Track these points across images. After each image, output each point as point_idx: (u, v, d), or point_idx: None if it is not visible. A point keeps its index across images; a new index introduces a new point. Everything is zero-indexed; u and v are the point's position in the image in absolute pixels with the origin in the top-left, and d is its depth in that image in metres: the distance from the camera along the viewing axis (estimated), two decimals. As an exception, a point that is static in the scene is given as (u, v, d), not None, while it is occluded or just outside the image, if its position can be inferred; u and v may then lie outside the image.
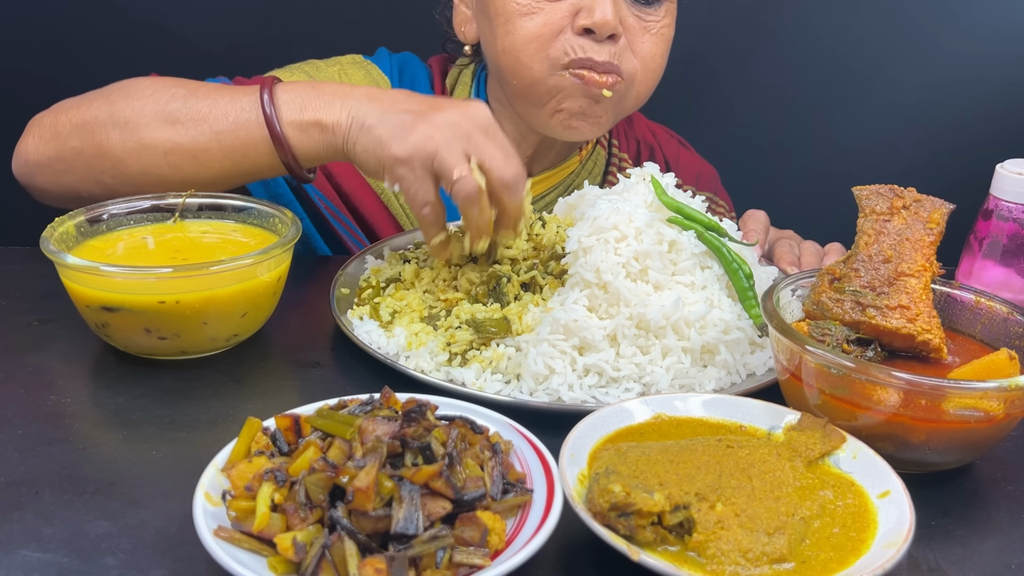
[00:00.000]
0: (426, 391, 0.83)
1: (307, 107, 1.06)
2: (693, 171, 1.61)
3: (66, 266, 0.92)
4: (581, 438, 0.75)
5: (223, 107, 1.07)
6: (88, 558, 0.68)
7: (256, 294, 0.96)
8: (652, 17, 1.26)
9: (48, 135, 1.12)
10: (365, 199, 1.36)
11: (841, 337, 0.86)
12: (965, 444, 0.79)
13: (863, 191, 0.91)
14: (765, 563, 0.65)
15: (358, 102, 1.05)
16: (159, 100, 1.09)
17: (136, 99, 1.09)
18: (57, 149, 1.11)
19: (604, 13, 1.18)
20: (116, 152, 1.08)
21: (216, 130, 1.07)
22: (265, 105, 1.05)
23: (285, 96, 1.07)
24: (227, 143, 1.07)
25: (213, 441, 0.76)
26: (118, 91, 1.12)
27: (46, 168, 1.12)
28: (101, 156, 1.09)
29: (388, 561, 0.60)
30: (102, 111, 1.09)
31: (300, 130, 1.06)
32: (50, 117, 1.14)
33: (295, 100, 1.06)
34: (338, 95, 1.06)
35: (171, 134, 1.07)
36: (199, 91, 1.10)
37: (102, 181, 1.10)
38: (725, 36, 2.04)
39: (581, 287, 0.96)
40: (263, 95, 1.06)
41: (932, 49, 2.02)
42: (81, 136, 1.10)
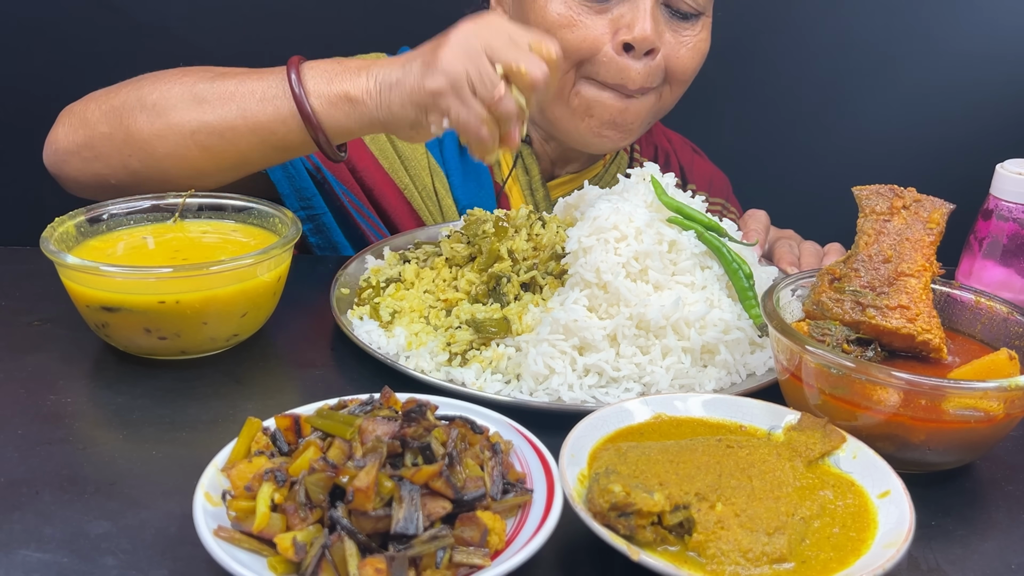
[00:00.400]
0: (426, 391, 0.83)
1: (334, 80, 1.05)
2: (706, 178, 1.62)
3: (66, 266, 0.92)
4: (581, 438, 0.75)
5: (250, 86, 1.07)
6: (88, 558, 0.68)
7: (256, 294, 0.96)
8: (688, 32, 1.27)
9: (77, 123, 1.12)
10: (388, 193, 1.37)
11: (841, 337, 0.86)
12: (965, 444, 0.79)
13: (863, 191, 0.91)
14: (765, 563, 0.65)
15: (380, 68, 1.04)
16: (186, 83, 1.08)
17: (163, 83, 1.09)
18: (87, 136, 1.11)
19: (644, 29, 1.19)
20: (143, 135, 1.08)
21: (243, 107, 1.06)
22: (293, 83, 1.04)
23: (311, 72, 1.06)
24: (254, 119, 1.06)
25: (213, 441, 0.76)
26: (147, 78, 1.12)
27: (75, 156, 1.12)
28: (129, 140, 1.09)
29: (388, 561, 0.60)
30: (130, 96, 1.10)
31: (329, 103, 1.05)
32: (80, 106, 1.14)
33: (322, 75, 1.05)
34: (363, 67, 1.05)
35: (197, 113, 1.07)
36: (227, 74, 1.09)
37: (129, 166, 1.10)
38: (725, 36, 2.04)
39: (581, 287, 0.96)
40: (290, 73, 1.05)
41: (932, 49, 2.02)
42: (110, 121, 1.10)
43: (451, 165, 1.39)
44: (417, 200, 1.38)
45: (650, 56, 1.23)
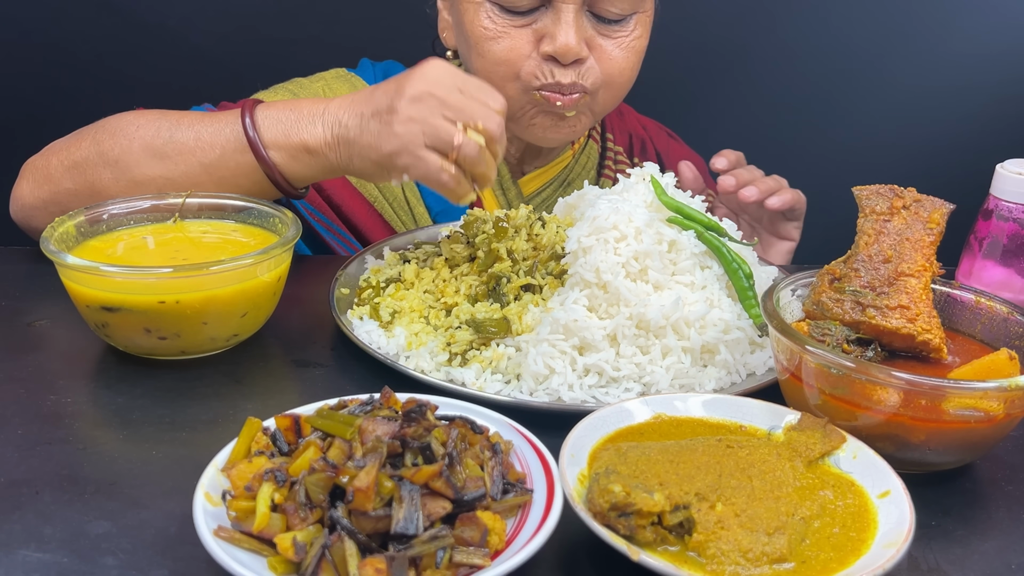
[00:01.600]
0: (426, 391, 0.83)
1: (291, 131, 1.07)
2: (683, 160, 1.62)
3: (66, 266, 0.92)
4: (581, 438, 0.75)
5: (207, 138, 1.09)
6: (88, 558, 0.68)
7: (256, 294, 0.96)
8: (620, 33, 1.25)
9: (41, 178, 1.14)
10: (357, 208, 1.37)
11: (841, 337, 0.86)
12: (965, 444, 0.79)
13: (863, 191, 0.91)
14: (765, 563, 0.65)
15: (335, 115, 1.06)
16: (144, 135, 1.10)
17: (122, 136, 1.10)
18: (51, 192, 1.13)
19: (567, 40, 1.18)
20: (110, 191, 1.10)
21: (204, 163, 1.09)
22: (248, 130, 1.07)
23: (267, 123, 1.08)
24: (218, 174, 1.09)
25: (213, 441, 0.76)
26: (103, 129, 1.13)
27: (41, 211, 1.14)
28: (95, 196, 1.10)
29: (388, 561, 0.60)
30: (91, 151, 1.11)
31: (289, 156, 1.08)
32: (42, 160, 1.16)
33: (277, 125, 1.08)
34: (317, 113, 1.07)
35: (161, 170, 1.09)
36: (182, 122, 1.11)
37: None
38: (724, 36, 2.04)
39: (581, 287, 0.96)
40: (244, 121, 1.07)
41: (932, 49, 2.02)
42: (73, 178, 1.12)
43: None
44: (388, 211, 1.39)
45: (577, 64, 1.23)
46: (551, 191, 1.46)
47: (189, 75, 1.92)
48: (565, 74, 1.22)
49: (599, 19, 1.23)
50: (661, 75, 1.47)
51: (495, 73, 1.24)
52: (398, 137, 1.00)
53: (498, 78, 1.24)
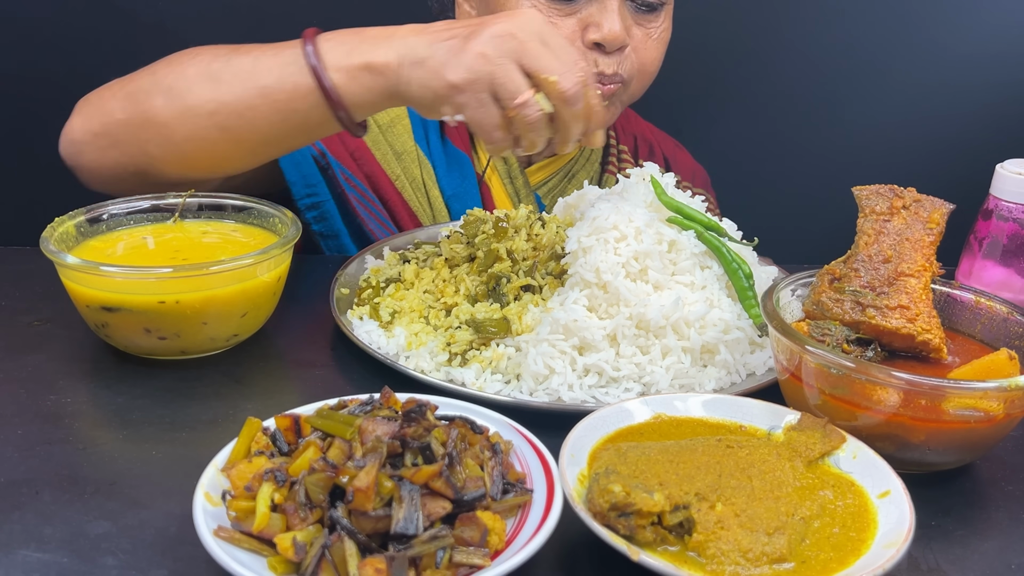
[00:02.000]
0: (426, 391, 0.83)
1: (353, 52, 1.01)
2: (689, 170, 1.64)
3: (66, 266, 0.92)
4: (581, 438, 0.75)
5: (266, 62, 1.03)
6: (88, 558, 0.68)
7: (256, 294, 0.96)
8: (653, 23, 1.29)
9: (93, 111, 1.11)
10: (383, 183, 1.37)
11: (841, 337, 0.86)
12: (965, 444, 0.79)
13: (863, 191, 0.91)
14: (765, 563, 0.65)
15: (404, 39, 1.00)
16: (201, 62, 1.06)
17: (178, 65, 1.07)
18: (103, 123, 1.09)
19: (612, 27, 1.20)
20: (161, 118, 1.05)
21: (261, 85, 1.03)
22: (309, 55, 1.01)
23: (329, 44, 1.02)
24: (274, 97, 1.03)
25: (213, 441, 0.76)
26: (162, 62, 1.10)
27: (91, 144, 1.11)
28: (146, 124, 1.06)
29: (388, 561, 0.60)
30: (146, 81, 1.08)
31: (349, 76, 1.01)
32: (96, 95, 1.13)
33: (340, 46, 1.02)
34: (383, 36, 1.01)
35: (215, 93, 1.04)
36: (240, 50, 1.06)
37: (148, 151, 1.08)
38: (724, 36, 2.04)
39: (581, 287, 0.96)
40: (306, 46, 1.02)
41: (932, 49, 2.02)
42: (126, 107, 1.08)
43: (435, 156, 1.40)
44: (408, 191, 1.39)
45: (619, 52, 1.25)
46: (556, 182, 1.47)
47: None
48: (608, 63, 1.24)
49: (638, 7, 1.27)
50: (660, 75, 1.46)
51: None
52: (466, 71, 0.94)
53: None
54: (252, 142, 1.07)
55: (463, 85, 0.94)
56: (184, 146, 1.07)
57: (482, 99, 0.95)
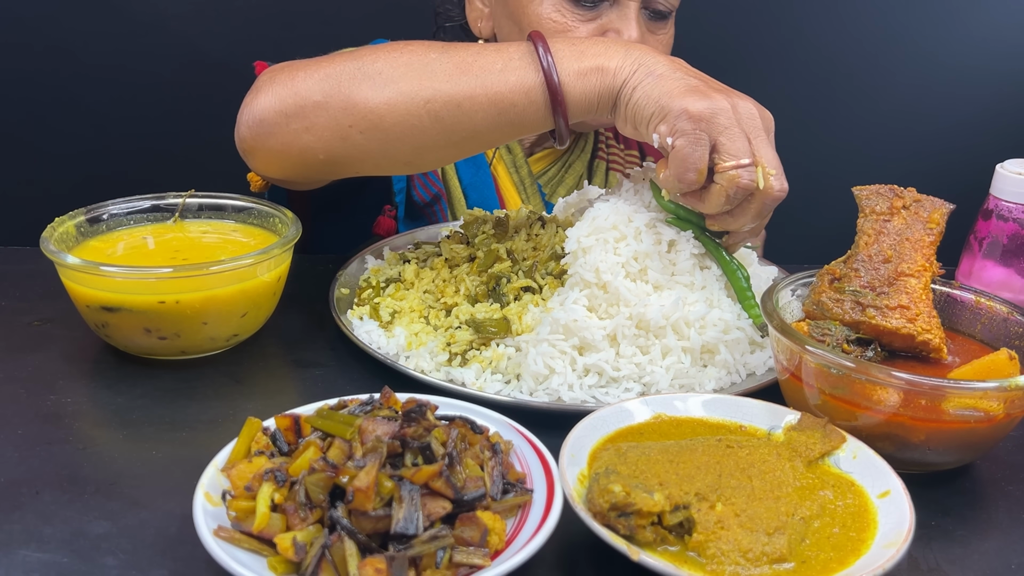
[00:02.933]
0: (426, 391, 0.83)
1: (586, 54, 0.99)
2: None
3: (66, 266, 0.92)
4: (581, 438, 0.75)
5: (488, 57, 1.01)
6: (88, 558, 0.68)
7: (256, 294, 0.96)
8: (662, 30, 1.32)
9: (285, 91, 1.04)
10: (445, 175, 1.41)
11: (841, 337, 0.86)
12: (965, 444, 0.79)
13: (863, 191, 0.91)
14: (765, 563, 0.65)
15: (644, 54, 0.99)
16: (414, 52, 1.03)
17: (384, 53, 1.04)
18: (298, 104, 1.03)
19: (632, 34, 1.23)
20: (368, 103, 1.01)
21: (482, 78, 1.00)
22: (541, 54, 0.99)
23: (560, 44, 1.01)
24: (495, 90, 1.00)
25: (213, 441, 0.76)
26: (360, 50, 1.07)
27: (283, 127, 1.04)
28: (349, 109, 1.02)
29: (388, 561, 0.60)
30: (348, 65, 1.03)
31: (579, 76, 0.99)
32: (285, 74, 1.07)
33: (572, 48, 1.00)
34: (620, 45, 1.00)
35: (432, 82, 1.01)
36: (455, 45, 1.04)
37: (348, 137, 1.03)
38: (725, 37, 2.04)
39: (581, 287, 0.96)
40: (538, 45, 1.00)
41: (932, 49, 2.02)
42: (324, 90, 1.03)
43: None
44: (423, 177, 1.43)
45: None
46: (555, 171, 1.51)
47: (189, 75, 1.92)
48: None
49: (649, 16, 1.28)
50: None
51: None
52: (706, 107, 0.92)
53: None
54: (462, 134, 1.04)
55: (697, 116, 0.92)
56: (391, 132, 1.02)
57: (702, 137, 0.92)
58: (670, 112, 0.94)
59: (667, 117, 0.94)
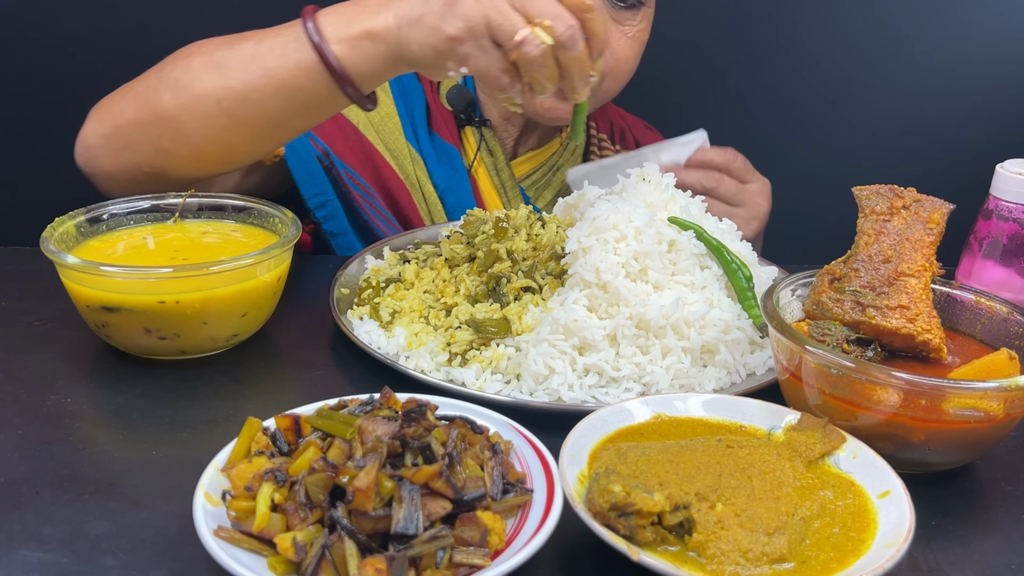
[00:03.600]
0: (426, 391, 0.83)
1: (353, 21, 1.01)
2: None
3: (66, 266, 0.92)
4: (581, 438, 0.75)
5: (268, 44, 1.04)
6: (88, 558, 0.68)
7: (256, 294, 0.96)
8: (630, 22, 1.30)
9: (104, 115, 1.12)
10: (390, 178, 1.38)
11: (841, 337, 0.86)
12: (965, 444, 0.79)
13: (863, 191, 0.91)
14: (765, 563, 0.65)
15: (402, 2, 1.00)
16: (205, 52, 1.07)
17: (183, 58, 1.08)
18: (114, 126, 1.10)
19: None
20: (170, 112, 1.06)
21: (265, 66, 1.03)
22: (310, 31, 1.01)
23: (328, 18, 1.02)
24: (278, 77, 1.03)
25: (213, 441, 0.76)
26: (168, 58, 1.10)
27: (105, 148, 1.11)
28: (156, 121, 1.06)
29: (388, 561, 0.60)
30: (152, 78, 1.08)
31: (351, 47, 1.01)
32: (106, 100, 1.13)
33: (339, 18, 1.02)
34: (383, 3, 1.01)
35: (220, 80, 1.04)
36: (244, 36, 1.07)
37: (161, 147, 1.08)
38: (723, 35, 2.04)
39: (581, 287, 0.96)
40: (306, 22, 1.02)
41: (932, 48, 2.02)
42: (135, 106, 1.08)
43: (425, 151, 1.41)
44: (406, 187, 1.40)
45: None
46: (541, 174, 1.49)
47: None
48: None
49: (613, 5, 1.27)
50: (659, 76, 1.47)
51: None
52: (463, 20, 0.93)
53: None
54: (260, 125, 1.06)
55: (462, 35, 0.94)
56: (194, 136, 1.07)
57: (483, 45, 0.94)
58: (443, 49, 0.96)
59: (446, 55, 0.96)
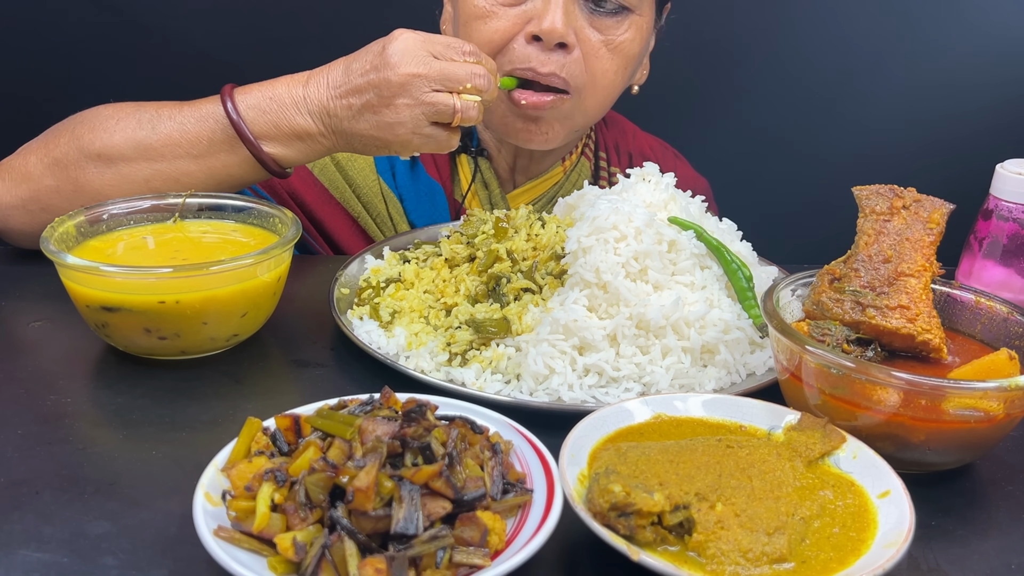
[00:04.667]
0: (426, 391, 0.83)
1: (279, 122, 1.08)
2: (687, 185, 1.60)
3: (66, 266, 0.92)
4: (581, 438, 0.75)
5: (192, 130, 1.08)
6: (88, 558, 0.68)
7: (256, 294, 0.96)
8: (613, 31, 1.23)
9: (19, 177, 1.12)
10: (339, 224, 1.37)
11: (841, 337, 0.86)
12: (965, 444, 0.79)
13: (863, 191, 0.91)
14: (765, 563, 0.65)
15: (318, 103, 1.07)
16: (126, 128, 1.09)
17: (101, 131, 1.09)
18: (31, 190, 1.11)
19: (553, 21, 1.17)
20: (94, 186, 1.09)
21: (194, 154, 1.09)
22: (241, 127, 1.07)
23: (251, 113, 1.08)
24: (208, 164, 1.09)
25: (213, 441, 0.76)
26: (80, 124, 1.12)
27: (20, 210, 1.13)
28: (79, 192, 1.09)
29: (388, 561, 0.60)
30: (71, 147, 1.10)
31: (282, 145, 1.09)
32: (18, 160, 1.14)
33: (263, 116, 1.08)
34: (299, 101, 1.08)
35: (148, 160, 1.09)
36: (162, 113, 1.10)
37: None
38: (723, 35, 2.04)
39: (581, 287, 0.96)
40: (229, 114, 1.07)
41: (931, 49, 2.02)
42: (55, 174, 1.10)
43: (404, 189, 1.38)
44: (372, 227, 1.38)
45: (564, 51, 1.20)
46: (540, 207, 1.43)
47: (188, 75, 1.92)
48: (545, 61, 1.20)
49: (592, 10, 1.22)
50: (658, 75, 1.46)
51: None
52: (402, 126, 1.04)
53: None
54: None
55: (407, 136, 1.05)
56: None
57: (427, 134, 1.06)
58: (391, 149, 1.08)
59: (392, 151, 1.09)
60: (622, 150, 1.56)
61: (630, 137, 1.58)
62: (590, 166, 1.50)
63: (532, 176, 1.44)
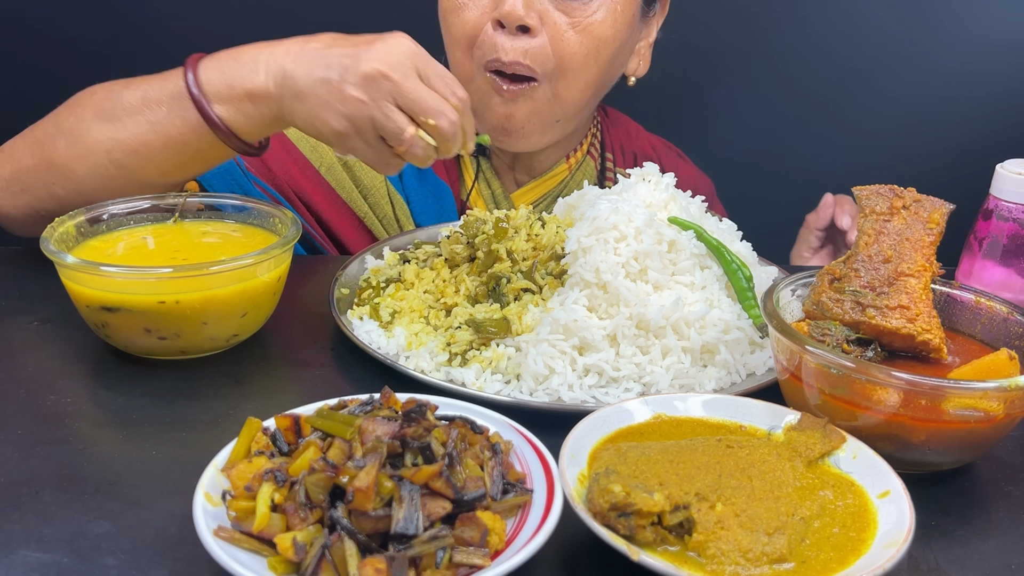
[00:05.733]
0: (426, 391, 0.83)
1: (234, 79, 1.02)
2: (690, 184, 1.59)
3: (66, 266, 0.92)
4: (581, 438, 0.75)
5: (153, 96, 1.04)
6: (88, 558, 0.68)
7: (256, 294, 0.96)
8: (580, 13, 1.19)
9: (5, 160, 1.13)
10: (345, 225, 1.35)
11: (841, 337, 0.86)
12: (965, 444, 0.79)
13: (863, 191, 0.91)
14: (765, 563, 0.65)
15: (279, 63, 1.00)
16: (96, 101, 1.08)
17: (78, 107, 1.09)
18: (13, 170, 1.12)
19: (513, 4, 1.15)
20: (63, 160, 1.08)
21: (151, 120, 1.04)
22: (191, 88, 1.01)
23: (209, 74, 1.02)
24: (165, 132, 1.04)
25: (213, 441, 0.76)
26: (65, 104, 1.12)
27: (5, 191, 1.13)
28: (51, 168, 1.08)
29: (388, 561, 0.60)
30: (50, 125, 1.10)
31: (234, 107, 1.02)
32: (8, 143, 1.15)
33: (220, 76, 1.02)
34: (260, 58, 1.01)
35: (110, 131, 1.05)
36: (131, 84, 1.07)
37: (55, 194, 1.10)
38: (723, 35, 2.04)
39: (581, 287, 0.96)
40: (187, 76, 1.02)
41: (932, 49, 2.02)
42: (32, 153, 1.10)
43: (411, 190, 1.37)
44: (378, 228, 1.37)
45: (528, 35, 1.18)
46: (545, 207, 1.43)
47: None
48: (510, 50, 1.17)
49: None
50: (658, 75, 1.46)
51: (457, 47, 1.22)
52: (347, 119, 0.97)
53: (459, 53, 1.22)
54: (150, 176, 1.08)
55: (347, 132, 0.98)
56: (86, 184, 1.08)
57: (369, 141, 0.99)
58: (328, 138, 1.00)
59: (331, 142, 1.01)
60: (627, 150, 1.55)
61: (633, 137, 1.58)
62: (595, 165, 1.49)
63: (535, 175, 1.43)
